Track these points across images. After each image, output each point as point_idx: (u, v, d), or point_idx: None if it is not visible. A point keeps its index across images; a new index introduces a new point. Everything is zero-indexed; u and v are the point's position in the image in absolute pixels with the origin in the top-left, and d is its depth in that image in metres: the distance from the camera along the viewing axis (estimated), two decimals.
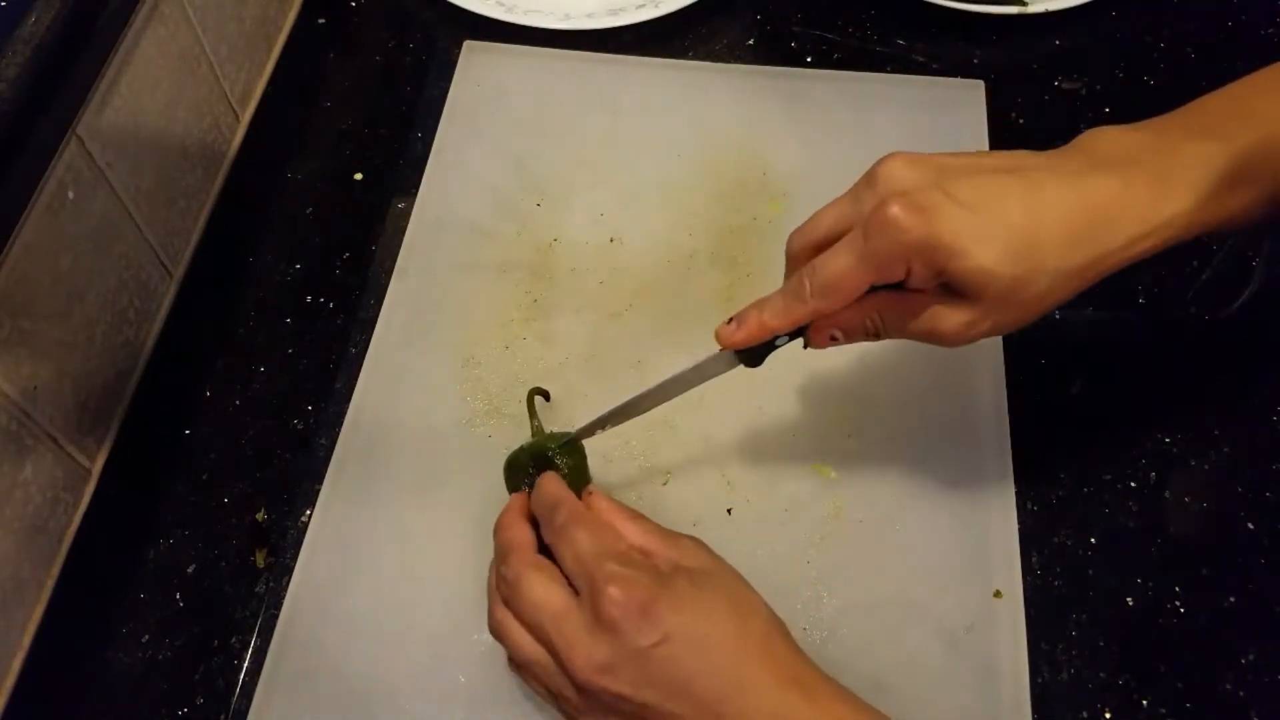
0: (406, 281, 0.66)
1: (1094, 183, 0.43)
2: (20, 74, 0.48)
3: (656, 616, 0.42)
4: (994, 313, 0.43)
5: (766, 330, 0.47)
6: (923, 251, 0.42)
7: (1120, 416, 0.61)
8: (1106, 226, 0.42)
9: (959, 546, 0.56)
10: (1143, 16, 0.77)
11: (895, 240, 0.42)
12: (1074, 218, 0.42)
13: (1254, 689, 0.52)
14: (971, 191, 0.42)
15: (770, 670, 0.43)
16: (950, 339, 0.45)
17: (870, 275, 0.44)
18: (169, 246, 0.66)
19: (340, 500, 0.58)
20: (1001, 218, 0.42)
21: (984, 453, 0.59)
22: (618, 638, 0.42)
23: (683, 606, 0.43)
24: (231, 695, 0.54)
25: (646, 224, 0.68)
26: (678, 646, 0.42)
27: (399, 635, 0.54)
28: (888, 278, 0.44)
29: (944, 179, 0.43)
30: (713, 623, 0.43)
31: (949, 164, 0.44)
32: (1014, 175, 0.43)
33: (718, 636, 0.43)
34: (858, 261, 0.44)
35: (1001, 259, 0.41)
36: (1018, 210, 0.42)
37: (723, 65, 0.76)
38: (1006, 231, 0.42)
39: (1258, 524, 0.57)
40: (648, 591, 0.43)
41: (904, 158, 0.44)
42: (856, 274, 0.44)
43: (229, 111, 0.72)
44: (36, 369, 0.53)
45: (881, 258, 0.43)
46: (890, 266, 0.43)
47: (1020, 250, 0.42)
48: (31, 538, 0.55)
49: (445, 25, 0.78)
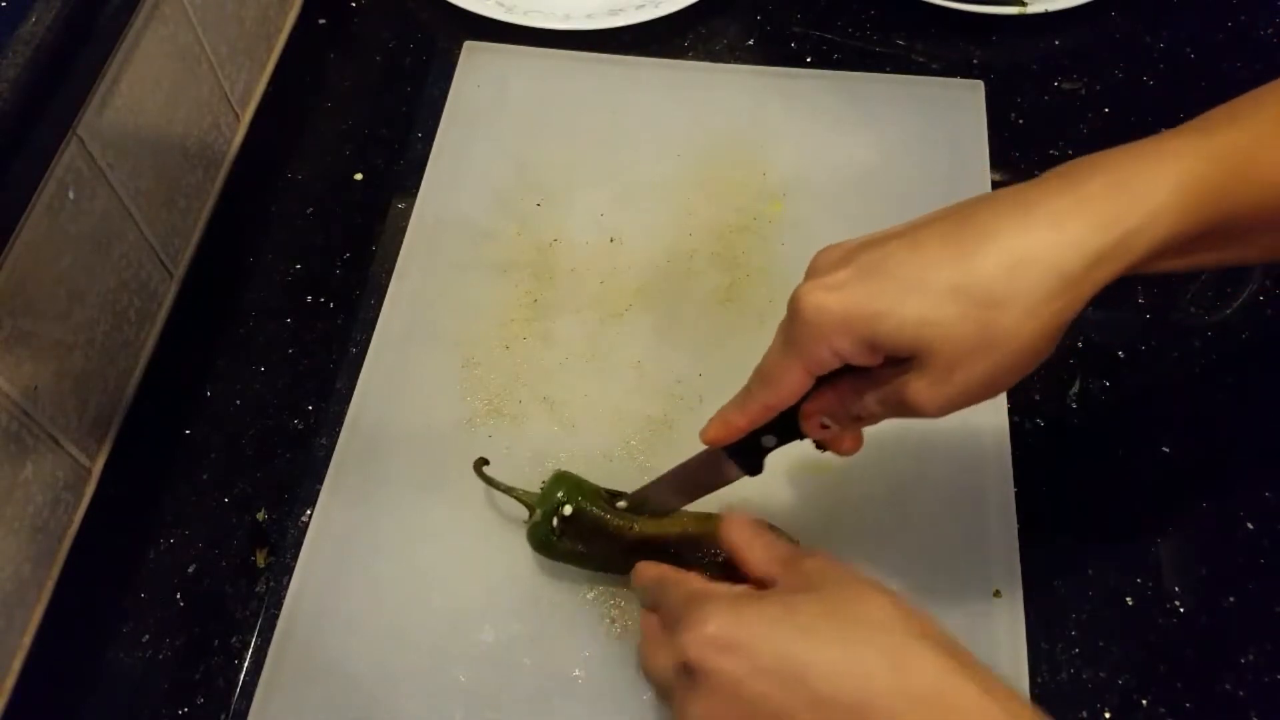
0: (406, 281, 0.66)
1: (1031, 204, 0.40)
2: (20, 74, 0.48)
3: (737, 648, 0.40)
4: (957, 367, 0.40)
5: (732, 427, 0.47)
6: (841, 328, 0.41)
7: (1119, 417, 0.61)
8: (1055, 244, 0.39)
9: (959, 546, 0.56)
10: (1143, 16, 0.77)
11: (808, 323, 0.42)
12: (1011, 245, 0.39)
13: (1254, 689, 0.52)
14: (880, 256, 0.41)
15: (897, 690, 0.38)
16: (927, 407, 0.41)
17: (798, 362, 0.43)
18: (169, 246, 0.66)
19: (340, 500, 0.59)
20: (919, 269, 0.40)
21: (984, 453, 0.59)
22: (705, 681, 0.40)
23: (771, 633, 0.40)
24: (231, 695, 0.54)
25: (646, 224, 0.68)
26: (772, 679, 0.39)
27: (399, 635, 0.54)
28: (819, 362, 0.43)
29: (854, 254, 0.42)
30: (814, 645, 0.40)
31: (868, 240, 0.43)
32: (931, 225, 0.42)
33: (822, 661, 0.39)
34: (783, 349, 0.44)
35: (930, 306, 0.39)
36: (935, 254, 0.40)
37: (723, 65, 0.76)
38: (927, 279, 0.40)
39: (1258, 524, 0.57)
40: (719, 625, 0.41)
41: (828, 246, 0.44)
42: (785, 363, 0.44)
43: (229, 111, 0.72)
44: (37, 369, 0.53)
45: (801, 343, 0.42)
46: (813, 350, 0.42)
47: (949, 291, 0.39)
48: (32, 538, 0.55)
49: (445, 25, 0.78)
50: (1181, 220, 0.39)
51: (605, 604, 0.55)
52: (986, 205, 0.41)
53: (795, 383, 0.44)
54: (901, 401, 0.42)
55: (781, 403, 0.45)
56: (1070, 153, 0.71)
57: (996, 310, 0.39)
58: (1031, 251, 0.39)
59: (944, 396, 0.41)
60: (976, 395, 0.41)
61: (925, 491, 0.58)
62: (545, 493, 0.53)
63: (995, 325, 0.39)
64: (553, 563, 0.55)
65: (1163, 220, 0.39)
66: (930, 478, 0.58)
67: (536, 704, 0.52)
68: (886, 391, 0.43)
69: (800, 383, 0.44)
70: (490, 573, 0.56)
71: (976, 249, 0.40)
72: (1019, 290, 0.39)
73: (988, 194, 0.42)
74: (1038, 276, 0.39)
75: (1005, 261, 0.39)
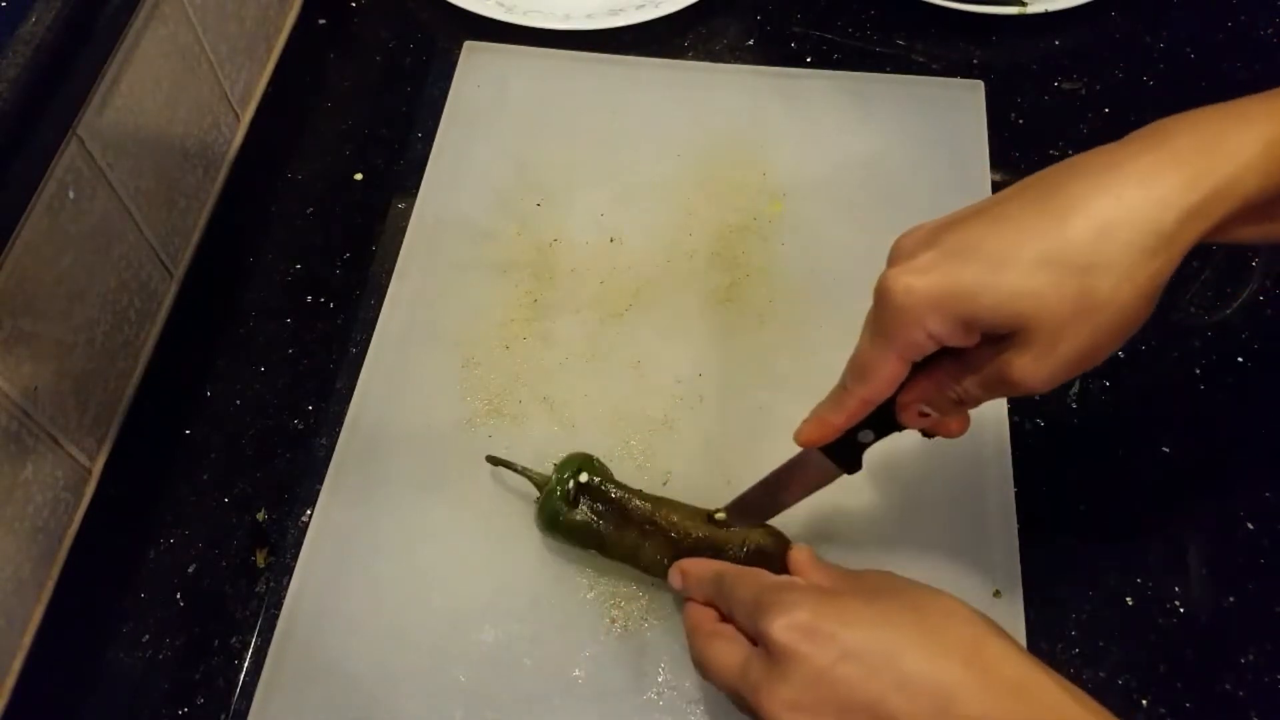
0: (406, 281, 0.66)
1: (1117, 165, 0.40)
2: (20, 74, 0.48)
3: (826, 634, 0.40)
4: (1060, 338, 0.39)
5: (829, 426, 0.47)
6: (934, 309, 0.40)
7: (1119, 417, 0.61)
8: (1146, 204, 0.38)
9: (959, 546, 0.56)
10: (1143, 16, 0.77)
11: (900, 308, 0.41)
12: (1101, 207, 0.39)
13: (1254, 689, 0.52)
14: (965, 233, 0.41)
15: (979, 679, 0.39)
16: (1032, 383, 0.40)
17: (891, 351, 0.42)
18: (169, 246, 0.66)
19: (340, 500, 0.59)
20: (1010, 242, 0.39)
21: (984, 453, 0.59)
22: (794, 667, 0.40)
23: (856, 620, 0.41)
24: (231, 695, 0.54)
25: (646, 224, 0.68)
26: (860, 663, 0.39)
27: (399, 635, 0.54)
28: (914, 348, 0.42)
29: (937, 236, 0.41)
30: (898, 633, 0.40)
31: (948, 220, 0.42)
32: (1015, 198, 0.41)
33: (906, 647, 0.40)
34: (873, 339, 0.43)
35: (1025, 277, 0.39)
36: (1024, 223, 0.40)
37: (723, 65, 0.76)
38: (1019, 251, 0.39)
39: (1258, 524, 0.57)
40: (810, 611, 0.41)
41: (907, 231, 0.43)
42: (879, 354, 0.43)
43: (229, 111, 0.72)
44: (37, 369, 0.53)
45: (893, 330, 0.42)
46: (907, 336, 0.41)
47: (1042, 260, 0.39)
48: (32, 538, 0.55)
49: (445, 25, 0.78)
50: (1267, 179, 0.38)
51: (605, 604, 0.55)
52: (1071, 171, 0.40)
53: (891, 373, 0.43)
54: (1005, 380, 0.41)
55: (878, 395, 0.44)
56: (1070, 152, 0.70)
57: (1093, 276, 0.38)
58: (1122, 213, 0.38)
59: (1049, 370, 0.40)
60: (1080, 365, 0.40)
61: (925, 491, 0.58)
62: (558, 470, 0.54)
63: (1093, 291, 0.38)
64: (553, 563, 0.55)
65: (1250, 177, 0.38)
66: (930, 478, 0.58)
67: (536, 704, 0.52)
68: (987, 372, 0.42)
69: (896, 372, 0.43)
70: (490, 573, 0.56)
71: (1066, 216, 0.39)
72: (1113, 253, 0.38)
73: (1069, 160, 0.41)
74: (1131, 238, 0.38)
75: (1096, 225, 0.38)
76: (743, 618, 0.45)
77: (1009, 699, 0.39)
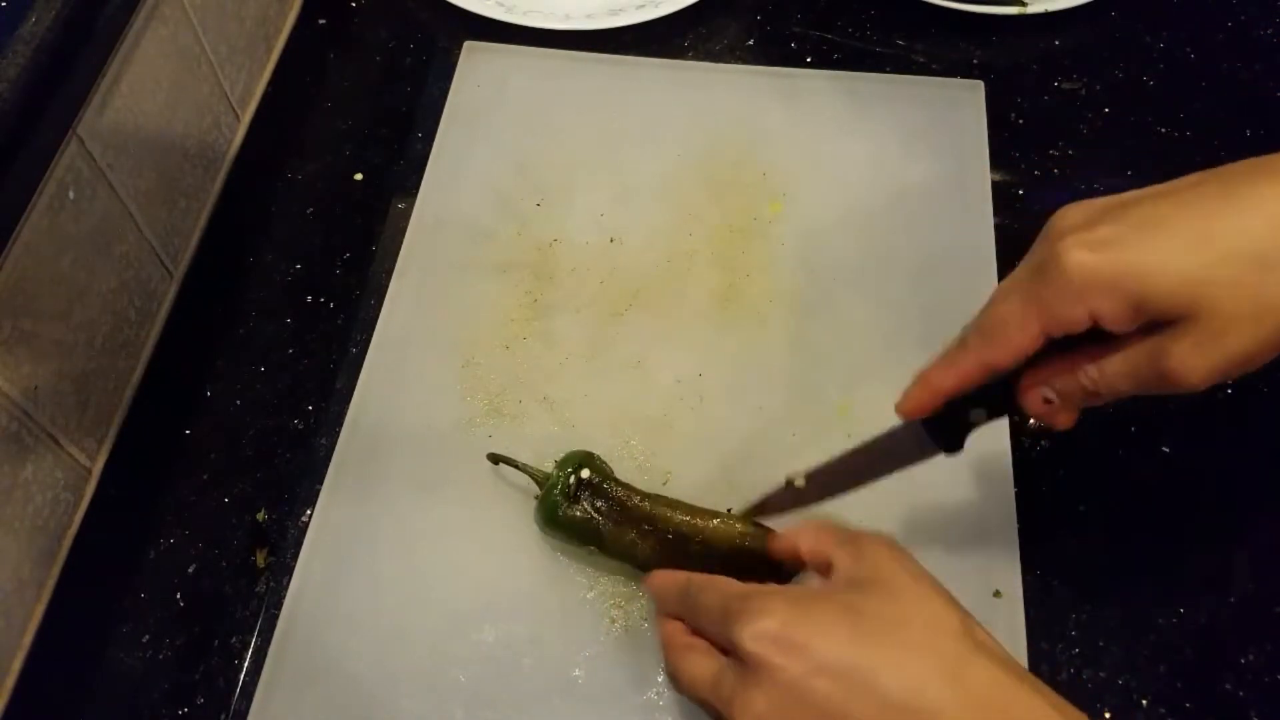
0: (406, 281, 0.66)
1: None
2: (20, 74, 0.48)
3: (799, 644, 0.39)
4: (1228, 332, 0.38)
5: (934, 390, 0.44)
6: (1108, 288, 0.39)
7: (1119, 417, 0.61)
8: None
9: (959, 546, 0.56)
10: (1143, 16, 0.77)
11: (1070, 281, 0.39)
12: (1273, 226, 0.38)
13: (1254, 689, 0.52)
14: (1148, 210, 0.39)
15: (960, 700, 0.38)
16: (1191, 375, 0.39)
17: (1040, 318, 0.40)
18: (169, 246, 0.66)
19: (340, 500, 0.58)
20: (1199, 226, 0.38)
21: (984, 453, 0.59)
22: (766, 677, 0.39)
23: (832, 631, 0.39)
24: (231, 695, 0.54)
25: (646, 224, 0.68)
26: (835, 678, 0.38)
27: (399, 635, 0.54)
28: (1062, 322, 0.40)
29: (1116, 212, 0.40)
30: (876, 649, 0.39)
31: (1121, 198, 0.41)
32: (1196, 187, 0.40)
33: (884, 664, 0.38)
34: (1024, 304, 0.41)
35: (1211, 263, 0.38)
36: (1210, 210, 0.39)
37: (722, 65, 0.76)
38: (1208, 235, 0.38)
39: (1258, 524, 0.57)
40: (780, 620, 0.39)
41: (1073, 204, 0.42)
42: (1022, 317, 0.41)
43: (229, 111, 0.72)
44: (37, 369, 0.53)
45: (1052, 301, 0.40)
46: (1066, 310, 0.40)
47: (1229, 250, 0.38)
48: (32, 538, 0.55)
49: (445, 25, 0.78)
50: None
51: (605, 604, 0.55)
52: (1258, 169, 0.39)
53: (1027, 342, 0.41)
54: (1159, 368, 0.39)
55: (1003, 363, 0.42)
56: (1070, 153, 0.71)
57: (1273, 274, 0.37)
58: None
59: (1209, 362, 0.38)
60: (1241, 364, 0.39)
61: (925, 492, 0.57)
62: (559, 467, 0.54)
63: (1270, 291, 0.37)
64: (553, 563, 0.55)
65: None
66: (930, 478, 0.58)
67: (536, 704, 0.52)
68: (1138, 358, 0.40)
69: (1032, 343, 0.41)
70: (490, 573, 0.56)
71: (1253, 212, 0.38)
72: None
73: (1254, 160, 0.40)
74: None
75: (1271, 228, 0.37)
76: (710, 626, 0.43)
77: (987, 715, 0.38)
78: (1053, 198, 0.69)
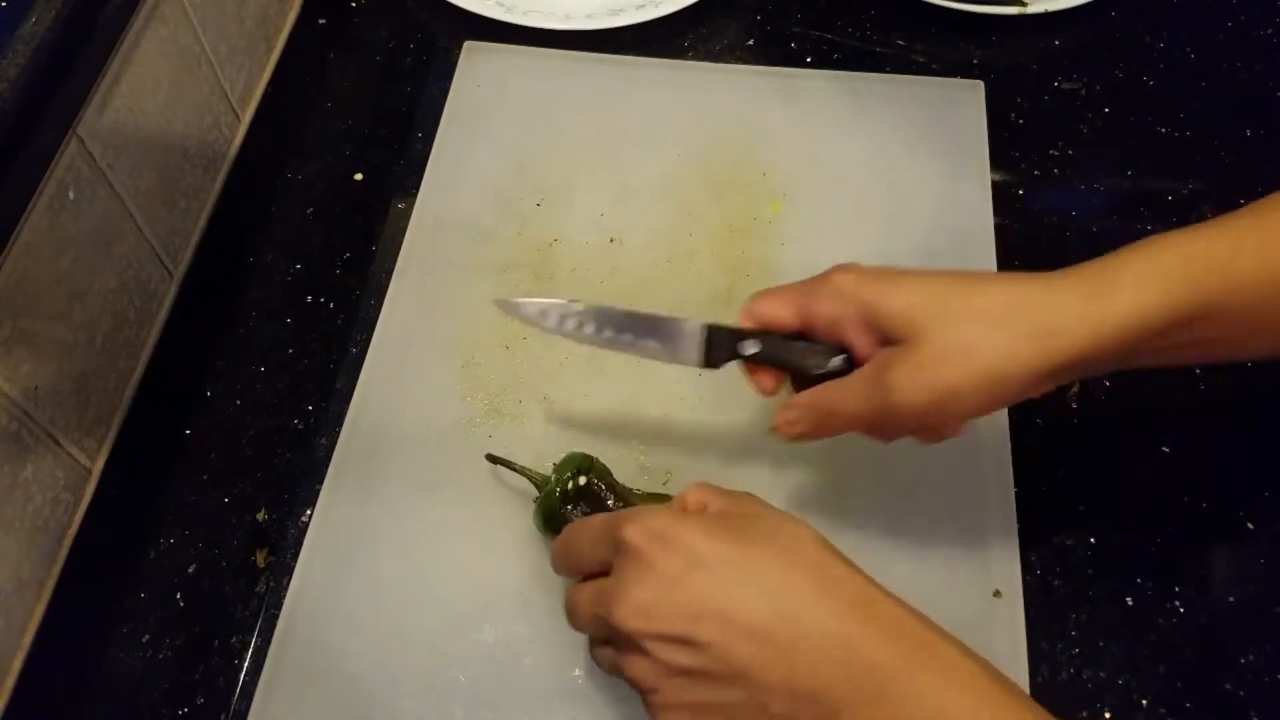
0: (406, 281, 0.66)
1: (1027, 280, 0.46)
2: (20, 74, 0.48)
3: (678, 539, 0.41)
4: (943, 360, 0.44)
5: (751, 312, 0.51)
6: (851, 296, 0.47)
7: (1119, 417, 0.61)
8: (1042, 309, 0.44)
9: (959, 546, 0.56)
10: (1143, 16, 0.77)
11: (828, 285, 0.48)
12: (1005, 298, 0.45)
13: (1254, 689, 0.52)
14: (911, 274, 0.47)
15: (822, 596, 0.40)
16: (902, 392, 0.45)
17: (798, 306, 0.49)
18: (169, 246, 0.66)
19: (340, 500, 0.59)
20: (936, 283, 0.46)
21: (983, 453, 0.59)
22: (646, 570, 0.41)
23: (709, 532, 0.42)
24: (231, 695, 0.54)
25: (646, 224, 0.68)
26: (711, 571, 0.40)
27: (399, 635, 0.54)
28: (814, 313, 0.48)
29: (886, 268, 0.48)
30: (750, 546, 0.41)
31: (900, 268, 0.48)
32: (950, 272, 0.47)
33: (756, 559, 0.41)
34: (797, 294, 0.49)
35: (932, 302, 0.45)
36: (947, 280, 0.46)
37: (722, 65, 0.76)
38: (936, 286, 0.46)
39: (1258, 524, 0.57)
40: (665, 520, 0.42)
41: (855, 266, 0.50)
42: (791, 301, 0.49)
43: (229, 111, 0.72)
44: (37, 369, 0.53)
45: (811, 294, 0.48)
46: (816, 304, 0.48)
47: (946, 297, 0.45)
48: (32, 538, 0.55)
49: (445, 25, 0.79)
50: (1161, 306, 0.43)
51: None
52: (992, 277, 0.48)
53: (787, 317, 0.49)
54: (882, 383, 0.45)
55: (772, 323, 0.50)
56: (1070, 153, 0.71)
57: (997, 332, 0.44)
58: (1023, 297, 0.45)
59: (918, 385, 0.45)
60: (951, 396, 0.45)
61: (925, 491, 0.58)
62: (558, 470, 0.54)
63: (987, 339, 0.44)
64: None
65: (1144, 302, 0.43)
66: (930, 478, 0.58)
67: (536, 704, 0.52)
68: (870, 372, 0.47)
69: (790, 322, 0.49)
70: (490, 572, 0.56)
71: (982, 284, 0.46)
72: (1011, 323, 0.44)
73: None
74: (1024, 320, 0.44)
75: (1002, 299, 0.45)
76: (593, 549, 0.45)
77: (854, 610, 0.40)
78: (1053, 198, 0.69)
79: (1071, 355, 0.44)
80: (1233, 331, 0.45)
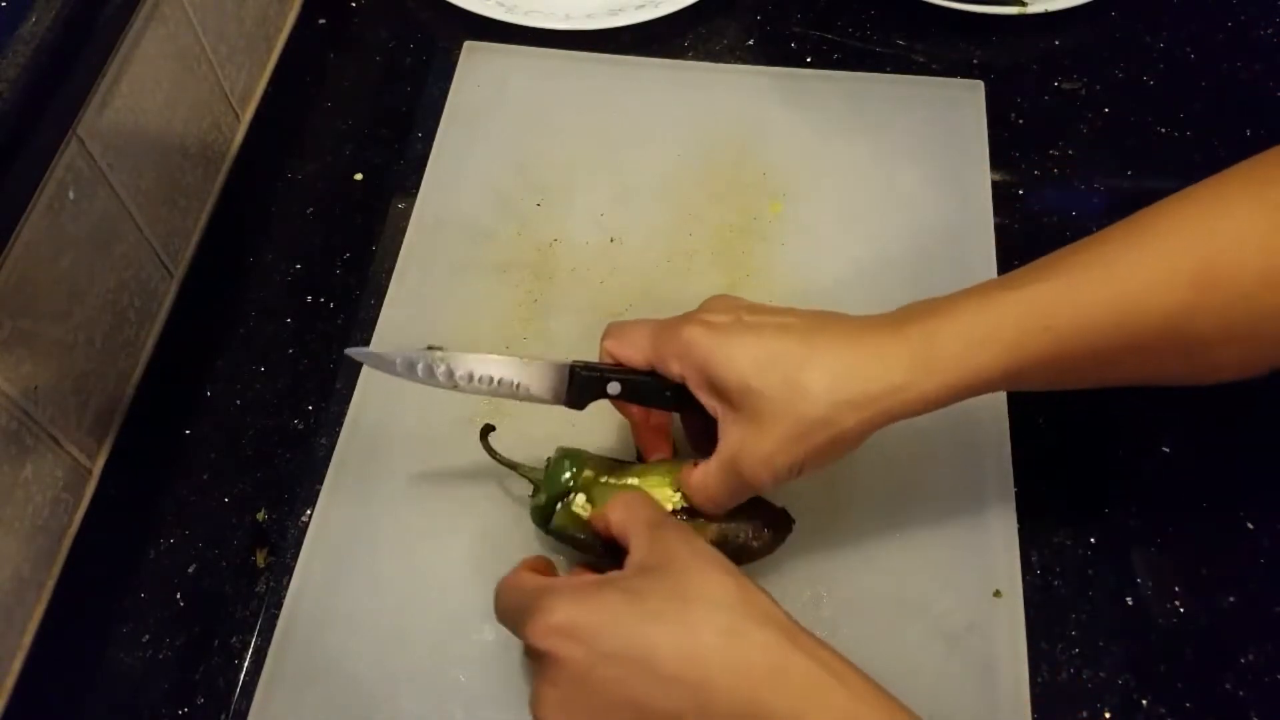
0: (406, 281, 0.66)
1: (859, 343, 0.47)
2: (20, 74, 0.48)
3: (582, 637, 0.41)
4: (777, 452, 0.46)
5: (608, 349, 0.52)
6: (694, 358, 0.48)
7: (1119, 417, 0.61)
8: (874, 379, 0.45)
9: (959, 546, 0.56)
10: (1143, 16, 0.77)
11: (678, 341, 0.48)
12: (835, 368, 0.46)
13: (1254, 689, 0.52)
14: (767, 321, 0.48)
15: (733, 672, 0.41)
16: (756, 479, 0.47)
17: (648, 354, 0.50)
18: (169, 246, 0.66)
19: (340, 500, 0.58)
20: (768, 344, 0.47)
21: (984, 453, 0.59)
22: (556, 670, 0.42)
23: (614, 620, 0.42)
24: (231, 695, 0.54)
25: (646, 224, 0.68)
26: (618, 665, 0.41)
27: (399, 635, 0.54)
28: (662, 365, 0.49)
29: (748, 311, 0.49)
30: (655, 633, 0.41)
31: (769, 308, 0.50)
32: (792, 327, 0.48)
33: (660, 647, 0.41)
34: (650, 338, 0.50)
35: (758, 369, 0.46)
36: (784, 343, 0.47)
37: (723, 65, 0.76)
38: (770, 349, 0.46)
39: (1258, 524, 0.57)
40: (565, 613, 0.42)
41: (728, 296, 0.51)
42: (644, 346, 0.50)
43: (229, 111, 0.72)
44: (37, 369, 0.53)
45: (661, 346, 0.49)
46: (663, 358, 0.49)
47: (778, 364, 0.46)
48: (32, 538, 0.55)
49: (445, 25, 0.79)
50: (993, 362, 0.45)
51: None
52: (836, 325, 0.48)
53: (638, 360, 0.50)
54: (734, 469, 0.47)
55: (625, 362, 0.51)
56: (1070, 153, 0.71)
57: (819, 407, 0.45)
58: (852, 367, 0.46)
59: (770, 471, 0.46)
60: (796, 472, 0.47)
61: (925, 491, 0.58)
62: (551, 473, 0.53)
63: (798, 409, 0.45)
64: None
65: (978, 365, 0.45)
66: (930, 478, 0.58)
67: None
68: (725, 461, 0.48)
69: (640, 364, 0.50)
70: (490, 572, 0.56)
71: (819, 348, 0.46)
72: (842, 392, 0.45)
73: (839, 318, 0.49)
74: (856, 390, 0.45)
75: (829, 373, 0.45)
76: (514, 632, 0.46)
77: (764, 687, 0.40)
78: (1053, 198, 0.69)
79: (906, 414, 0.46)
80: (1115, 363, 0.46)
